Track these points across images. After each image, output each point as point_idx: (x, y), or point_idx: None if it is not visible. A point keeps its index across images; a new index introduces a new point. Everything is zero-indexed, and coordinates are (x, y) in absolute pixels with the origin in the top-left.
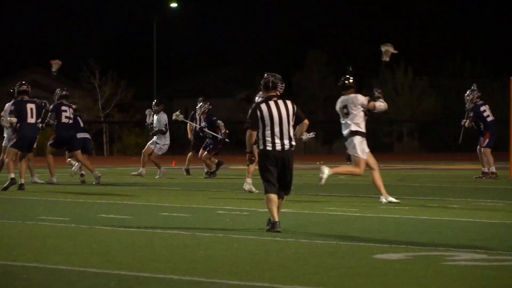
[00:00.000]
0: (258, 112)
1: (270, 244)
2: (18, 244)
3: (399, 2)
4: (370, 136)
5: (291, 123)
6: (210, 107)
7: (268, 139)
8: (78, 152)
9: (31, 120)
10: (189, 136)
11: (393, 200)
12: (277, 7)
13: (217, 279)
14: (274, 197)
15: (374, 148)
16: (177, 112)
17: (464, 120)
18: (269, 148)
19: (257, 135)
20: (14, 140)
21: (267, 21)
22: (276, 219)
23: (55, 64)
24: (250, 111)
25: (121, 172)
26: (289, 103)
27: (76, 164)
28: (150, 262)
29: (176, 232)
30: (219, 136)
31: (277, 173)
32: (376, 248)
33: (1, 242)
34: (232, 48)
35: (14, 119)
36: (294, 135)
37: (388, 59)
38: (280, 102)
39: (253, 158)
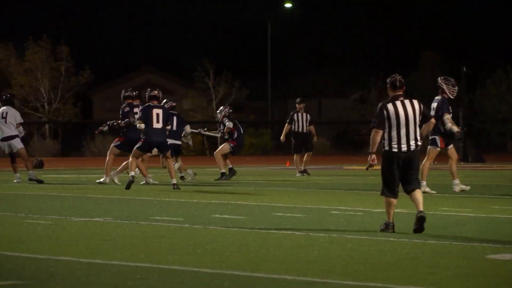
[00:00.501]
0: (385, 112)
1: (383, 244)
2: (132, 245)
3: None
4: (483, 136)
5: (418, 123)
6: (230, 110)
7: (394, 140)
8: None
9: (157, 125)
10: (281, 138)
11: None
12: (391, 8)
13: (330, 279)
14: (393, 201)
15: (487, 147)
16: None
17: None
18: (394, 149)
19: (383, 136)
20: (140, 142)
21: (380, 21)
22: (391, 221)
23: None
24: (377, 110)
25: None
26: (415, 102)
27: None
28: (263, 262)
29: (290, 232)
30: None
31: (401, 173)
32: (489, 248)
33: (115, 242)
34: (346, 48)
35: (142, 125)
36: (420, 134)
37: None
38: (407, 101)
39: (372, 163)
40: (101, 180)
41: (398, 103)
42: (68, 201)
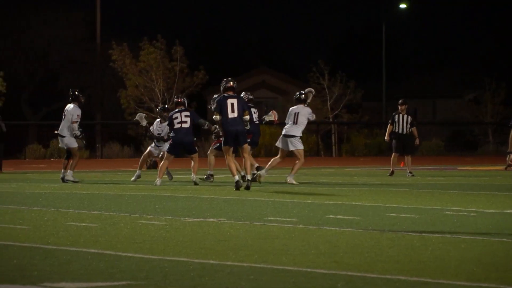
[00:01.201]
0: None
1: (497, 244)
2: (245, 245)
3: None
4: None
5: None
6: (251, 97)
7: None
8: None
9: (232, 115)
10: (385, 138)
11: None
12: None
13: (444, 279)
14: None
15: None
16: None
17: None
18: None
19: None
20: (222, 138)
21: (494, 21)
22: None
23: (310, 94)
24: None
25: (349, 173)
26: None
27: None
28: (377, 262)
29: (404, 233)
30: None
31: None
32: None
33: (228, 243)
34: (460, 48)
35: (218, 116)
36: None
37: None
38: None
39: (511, 162)
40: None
41: None
42: (182, 201)
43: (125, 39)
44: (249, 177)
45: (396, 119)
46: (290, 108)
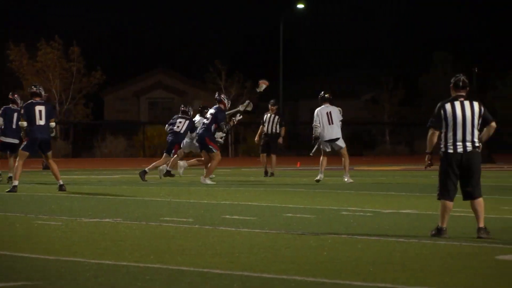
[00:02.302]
0: (442, 112)
1: (393, 245)
2: (141, 245)
3: None
4: (493, 136)
5: (476, 125)
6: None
7: (450, 141)
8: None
9: (39, 122)
10: (255, 139)
11: None
12: (403, 8)
13: (340, 280)
14: (449, 204)
15: (497, 148)
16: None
17: None
18: (450, 151)
19: (439, 137)
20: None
21: (393, 22)
22: (444, 225)
23: (263, 84)
24: (435, 110)
25: (245, 173)
26: (476, 104)
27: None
28: (273, 263)
29: (300, 233)
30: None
31: (460, 176)
32: (499, 249)
33: (124, 243)
34: (357, 49)
35: (24, 123)
36: (480, 137)
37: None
38: (467, 103)
39: (429, 162)
40: None
41: (457, 104)
42: (78, 202)
43: (22, 40)
44: (16, 182)
45: (265, 119)
46: (318, 109)
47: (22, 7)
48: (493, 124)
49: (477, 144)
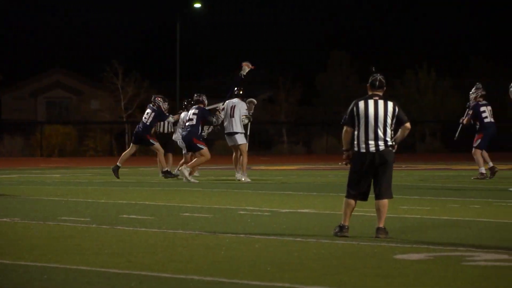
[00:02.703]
0: (355, 109)
1: (291, 244)
2: (39, 245)
3: (422, 3)
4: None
5: (389, 125)
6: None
7: (362, 139)
8: None
9: None
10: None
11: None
12: (300, 7)
13: (238, 279)
14: (351, 202)
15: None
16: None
17: (463, 118)
18: (362, 150)
19: (353, 135)
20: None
21: (291, 21)
22: (346, 223)
23: (246, 67)
24: (349, 107)
25: (142, 173)
26: (390, 104)
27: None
28: (171, 262)
29: (198, 232)
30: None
31: (372, 176)
32: (397, 248)
33: (22, 243)
34: (255, 48)
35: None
36: (395, 138)
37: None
38: (381, 102)
39: (346, 159)
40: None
41: (371, 102)
42: None
43: None
44: None
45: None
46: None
47: None
48: (407, 125)
49: (389, 143)
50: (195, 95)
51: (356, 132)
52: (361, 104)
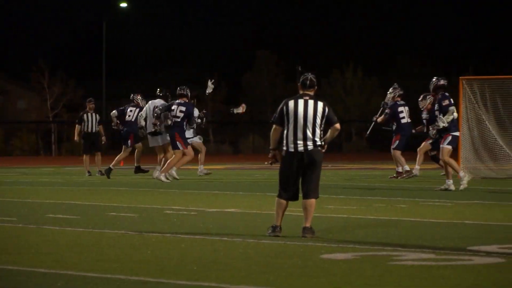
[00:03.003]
0: (284, 108)
1: (217, 244)
2: None
3: (349, 2)
4: None
5: (319, 125)
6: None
7: (291, 139)
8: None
9: None
10: (75, 138)
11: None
12: (228, 7)
13: (164, 279)
14: (283, 202)
15: None
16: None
17: (376, 116)
18: (291, 149)
19: (282, 135)
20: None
21: (218, 21)
22: (278, 224)
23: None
24: (279, 106)
25: (69, 172)
26: (320, 104)
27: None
28: (97, 262)
29: (124, 232)
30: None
31: (300, 176)
32: (323, 248)
33: None
34: (183, 48)
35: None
36: (324, 139)
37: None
38: (311, 102)
39: (272, 158)
40: None
41: (301, 102)
42: None
43: None
44: None
45: (84, 118)
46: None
47: None
48: (337, 125)
49: (318, 143)
50: (179, 88)
51: (285, 132)
52: (291, 103)
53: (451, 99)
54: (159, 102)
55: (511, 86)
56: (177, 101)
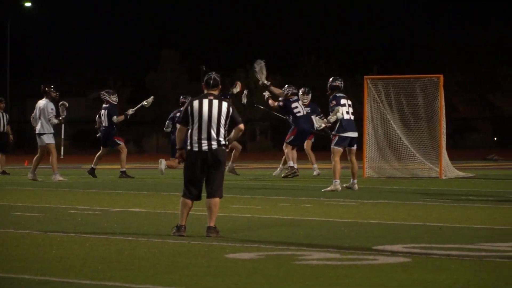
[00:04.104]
0: (189, 108)
1: (122, 243)
2: None
3: (253, 1)
4: None
5: (223, 125)
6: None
7: (195, 138)
8: None
9: None
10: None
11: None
12: (131, 7)
13: (69, 278)
14: (188, 202)
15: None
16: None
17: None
18: (195, 149)
19: (187, 134)
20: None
21: (122, 20)
22: (183, 223)
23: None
24: (184, 106)
25: None
26: (224, 104)
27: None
28: (1, 262)
29: (29, 231)
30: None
31: (205, 175)
32: (228, 247)
33: None
34: (85, 47)
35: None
36: (228, 139)
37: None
38: (215, 101)
39: (179, 157)
40: None
41: (205, 102)
42: None
43: None
44: None
45: None
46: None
47: None
48: (241, 126)
49: (222, 143)
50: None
51: (190, 131)
52: (196, 103)
53: (342, 100)
54: (43, 102)
55: (416, 85)
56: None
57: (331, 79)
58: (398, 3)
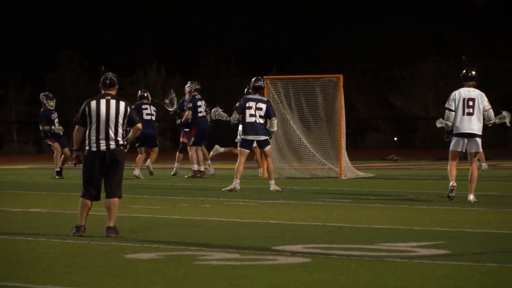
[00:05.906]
0: (87, 109)
1: (22, 243)
2: None
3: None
4: None
5: (121, 124)
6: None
7: (93, 138)
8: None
9: None
10: None
11: None
12: (31, 5)
13: None
14: (87, 202)
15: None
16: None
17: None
18: (94, 149)
19: (85, 134)
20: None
21: (22, 19)
22: (82, 223)
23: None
24: (82, 106)
25: None
26: (122, 104)
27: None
28: None
29: None
30: None
31: (104, 175)
32: (128, 247)
33: None
34: None
35: None
36: (127, 138)
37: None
38: (113, 101)
39: (75, 158)
40: None
41: (103, 102)
42: None
43: None
44: None
45: None
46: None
47: None
48: (139, 125)
49: (121, 143)
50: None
51: (88, 132)
52: (93, 103)
53: (250, 103)
54: None
55: (316, 85)
56: None
57: (253, 79)
58: (296, 2)
